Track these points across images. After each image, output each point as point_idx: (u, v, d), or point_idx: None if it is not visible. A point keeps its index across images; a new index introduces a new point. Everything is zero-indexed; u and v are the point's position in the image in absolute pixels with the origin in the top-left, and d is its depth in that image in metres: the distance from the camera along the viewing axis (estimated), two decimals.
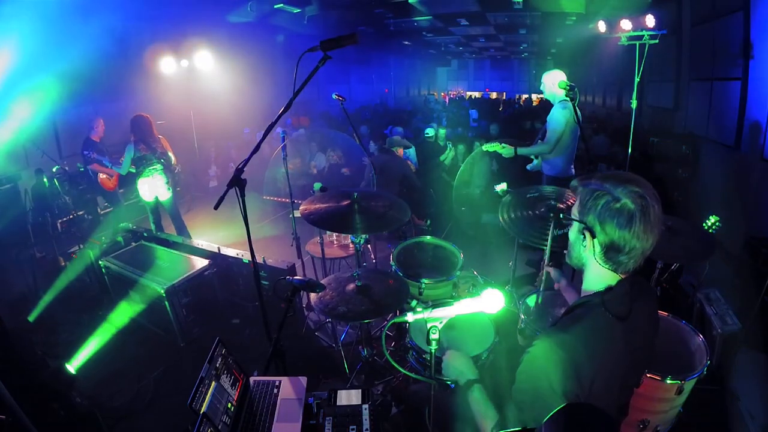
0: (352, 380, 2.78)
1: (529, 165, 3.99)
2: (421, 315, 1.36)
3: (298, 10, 8.68)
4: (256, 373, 1.83)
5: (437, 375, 1.55)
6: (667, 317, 2.13)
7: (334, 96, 3.44)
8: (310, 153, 7.72)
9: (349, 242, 3.58)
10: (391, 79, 20.84)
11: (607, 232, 1.08)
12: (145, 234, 4.06)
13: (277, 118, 1.88)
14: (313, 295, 2.19)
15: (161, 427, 2.60)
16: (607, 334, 1.10)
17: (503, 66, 24.45)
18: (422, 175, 5.77)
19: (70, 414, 2.38)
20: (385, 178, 4.49)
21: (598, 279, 1.17)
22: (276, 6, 8.13)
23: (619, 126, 8.82)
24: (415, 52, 18.67)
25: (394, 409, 2.40)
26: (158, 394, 2.83)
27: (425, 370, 2.04)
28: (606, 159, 7.15)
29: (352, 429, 1.53)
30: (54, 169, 5.19)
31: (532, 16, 9.51)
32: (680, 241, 2.23)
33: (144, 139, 4.40)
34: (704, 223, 2.61)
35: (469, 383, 1.37)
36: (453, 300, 1.39)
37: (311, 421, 1.60)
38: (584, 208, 1.12)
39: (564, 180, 3.56)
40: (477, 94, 24.75)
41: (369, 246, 3.96)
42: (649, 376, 1.77)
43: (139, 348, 3.22)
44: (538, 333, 2.06)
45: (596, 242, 1.11)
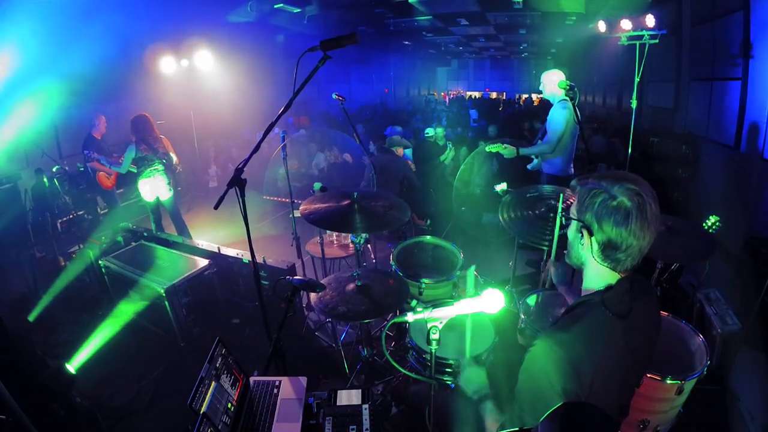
0: (352, 380, 2.77)
1: (529, 164, 4.00)
2: (421, 315, 1.36)
3: (298, 10, 8.68)
4: (256, 373, 1.83)
5: (437, 375, 1.55)
6: (667, 317, 2.13)
7: (334, 96, 3.44)
8: (309, 154, 7.72)
9: (349, 242, 3.59)
10: (391, 79, 20.84)
11: (604, 230, 1.08)
12: (145, 234, 4.05)
13: (277, 118, 1.88)
14: (313, 295, 2.19)
15: (161, 427, 2.60)
16: (608, 333, 1.10)
17: (503, 66, 24.47)
18: (422, 175, 5.77)
19: (70, 414, 2.37)
20: (385, 178, 4.49)
21: (598, 278, 1.18)
22: (276, 6, 8.13)
23: (618, 126, 8.82)
24: (415, 52, 18.67)
25: (394, 409, 2.40)
26: (158, 394, 2.83)
27: (425, 370, 2.04)
28: (606, 159, 7.15)
29: (352, 429, 1.53)
30: (54, 169, 5.20)
31: (532, 16, 9.51)
32: (680, 241, 2.23)
33: (145, 139, 4.36)
34: (704, 223, 2.61)
35: (483, 397, 1.38)
36: (453, 300, 1.39)
37: (311, 421, 1.60)
38: (582, 206, 1.13)
39: (564, 179, 3.56)
40: (477, 94, 24.76)
41: (369, 246, 3.97)
42: (649, 376, 1.77)
43: (139, 348, 3.22)
44: (538, 333, 2.07)
45: (594, 240, 1.12)
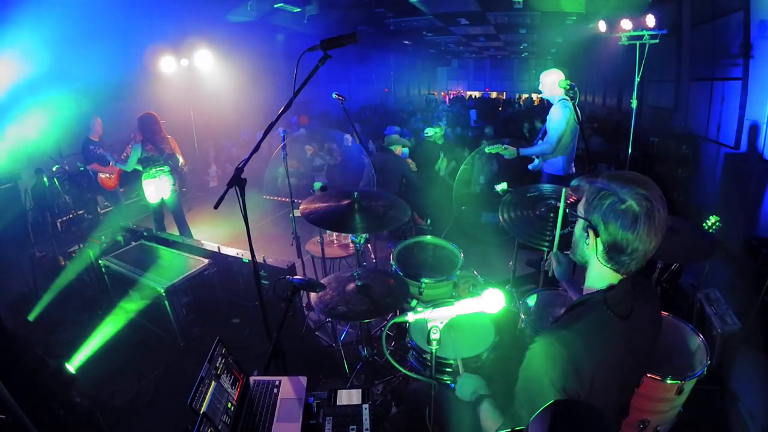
0: (352, 380, 2.77)
1: (530, 164, 3.99)
2: (421, 315, 1.36)
3: (298, 10, 8.67)
4: (256, 373, 1.83)
5: (437, 375, 1.55)
6: (667, 317, 2.13)
7: (335, 95, 3.44)
8: (306, 155, 7.72)
9: (349, 242, 3.59)
10: (391, 78, 20.81)
11: (610, 232, 1.08)
12: (145, 233, 4.05)
13: (277, 117, 1.88)
14: (313, 295, 2.19)
15: (161, 427, 2.61)
16: (608, 332, 1.10)
17: (503, 66, 24.43)
18: (422, 175, 5.76)
19: (70, 414, 2.37)
20: (384, 178, 4.49)
21: (600, 277, 1.18)
22: (276, 5, 8.12)
23: (617, 126, 8.82)
24: (415, 51, 18.66)
25: (394, 409, 2.40)
26: (158, 394, 2.83)
27: (425, 370, 2.04)
28: (606, 158, 7.15)
29: (352, 429, 1.53)
30: (54, 169, 5.19)
31: (532, 16, 9.50)
32: (680, 241, 2.23)
33: (151, 139, 4.29)
34: (704, 223, 2.61)
35: (480, 398, 1.38)
36: (453, 300, 1.39)
37: (311, 421, 1.60)
38: (590, 206, 1.12)
39: (565, 179, 3.56)
40: (477, 94, 24.75)
41: (369, 246, 3.97)
42: (649, 376, 1.77)
43: (139, 348, 3.22)
44: (538, 333, 2.07)
45: (599, 241, 1.11)
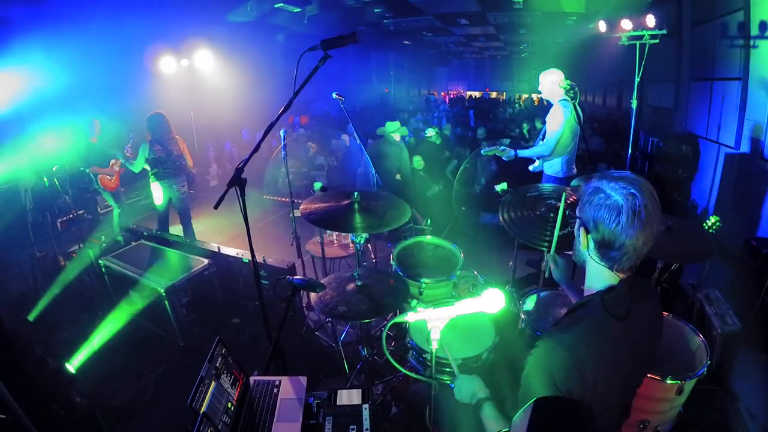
0: (352, 380, 2.77)
1: (531, 166, 3.98)
2: (421, 315, 1.36)
3: (298, 10, 8.67)
4: (256, 373, 1.83)
5: (437, 375, 1.55)
6: (667, 317, 2.14)
7: (334, 95, 3.43)
8: (307, 153, 7.73)
9: (349, 242, 3.58)
10: (391, 78, 20.81)
11: (598, 228, 1.10)
12: (145, 233, 4.05)
13: (277, 117, 1.88)
14: (313, 295, 2.19)
15: (161, 426, 2.60)
16: (608, 334, 1.10)
17: (503, 66, 24.41)
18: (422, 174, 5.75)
19: (69, 414, 2.38)
20: (380, 167, 4.35)
21: (599, 277, 1.18)
22: (276, 5, 8.12)
23: (617, 126, 8.82)
24: (415, 51, 18.65)
25: (394, 409, 2.40)
26: (158, 394, 2.83)
27: (425, 370, 2.04)
28: (606, 158, 7.15)
29: (352, 429, 1.53)
30: (54, 169, 5.19)
31: (532, 16, 9.50)
32: (680, 241, 2.23)
33: (160, 140, 4.22)
34: (704, 223, 2.60)
35: (480, 402, 1.37)
36: (453, 300, 1.39)
37: (311, 421, 1.60)
38: (582, 204, 1.15)
39: (566, 180, 3.55)
40: (477, 94, 24.74)
41: (369, 246, 3.96)
42: (649, 376, 1.77)
43: (139, 347, 3.22)
44: (538, 333, 2.07)
45: (590, 238, 1.15)
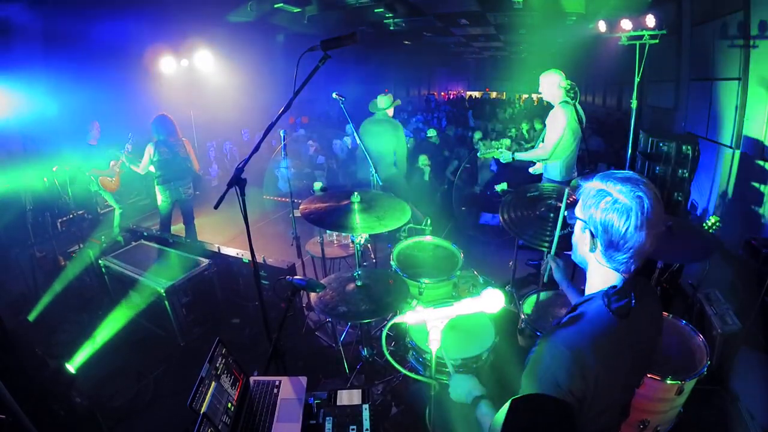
0: (352, 380, 2.77)
1: (531, 169, 3.97)
2: (420, 315, 1.36)
3: (298, 10, 8.67)
4: (256, 373, 1.83)
5: (437, 375, 1.55)
6: (667, 317, 2.14)
7: (334, 95, 3.43)
8: (308, 152, 7.74)
9: (349, 242, 3.58)
10: (390, 79, 20.80)
11: (605, 230, 1.09)
12: (145, 234, 4.05)
13: (277, 118, 1.88)
14: (313, 295, 2.19)
15: (161, 427, 2.60)
16: (610, 333, 1.10)
17: (503, 66, 24.39)
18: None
19: (70, 414, 2.38)
20: (373, 147, 4.29)
21: (600, 278, 1.18)
22: (276, 5, 8.12)
23: (617, 126, 8.82)
24: (415, 51, 18.65)
25: (394, 409, 2.41)
26: (158, 394, 2.83)
27: (425, 370, 2.04)
28: (606, 158, 7.15)
29: (352, 429, 1.53)
30: (54, 169, 5.19)
31: (532, 17, 9.49)
32: (680, 241, 2.23)
33: (166, 142, 4.20)
34: (704, 223, 2.61)
35: (476, 400, 1.37)
36: (453, 300, 1.39)
37: (311, 421, 1.60)
38: (586, 206, 1.13)
39: (566, 184, 3.54)
40: (477, 94, 24.73)
41: (369, 246, 3.96)
42: (649, 376, 1.77)
43: (139, 348, 3.22)
44: (538, 333, 2.07)
45: (596, 241, 1.12)
